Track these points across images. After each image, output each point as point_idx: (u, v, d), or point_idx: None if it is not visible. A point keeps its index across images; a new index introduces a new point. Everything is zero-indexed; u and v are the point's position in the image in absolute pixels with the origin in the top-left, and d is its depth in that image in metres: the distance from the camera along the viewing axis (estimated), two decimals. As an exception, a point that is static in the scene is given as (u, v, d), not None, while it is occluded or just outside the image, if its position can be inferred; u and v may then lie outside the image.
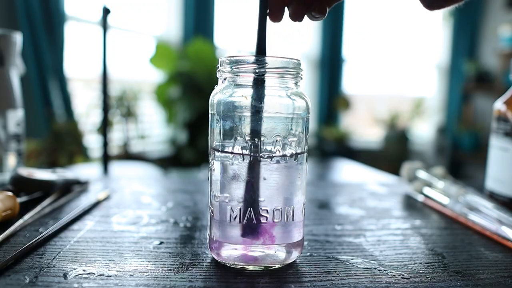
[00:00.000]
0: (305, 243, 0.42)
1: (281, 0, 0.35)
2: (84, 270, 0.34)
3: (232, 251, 0.35)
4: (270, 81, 0.35)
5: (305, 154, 0.36)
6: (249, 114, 0.34)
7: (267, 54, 0.35)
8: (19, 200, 0.49)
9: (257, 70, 0.34)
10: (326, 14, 0.36)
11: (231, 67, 0.35)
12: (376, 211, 0.56)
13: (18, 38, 0.64)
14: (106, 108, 0.88)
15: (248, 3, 2.90)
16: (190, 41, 2.56)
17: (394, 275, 0.35)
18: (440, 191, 0.60)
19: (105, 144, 0.88)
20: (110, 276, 0.33)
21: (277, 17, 0.35)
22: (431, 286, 0.34)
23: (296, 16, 0.35)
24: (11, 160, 0.63)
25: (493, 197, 0.57)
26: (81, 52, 2.23)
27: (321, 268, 0.36)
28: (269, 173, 0.34)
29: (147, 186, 0.67)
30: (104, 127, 0.89)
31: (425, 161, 3.59)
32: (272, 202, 0.35)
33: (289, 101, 0.35)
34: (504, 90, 2.14)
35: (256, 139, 0.34)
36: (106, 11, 0.83)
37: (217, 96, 0.35)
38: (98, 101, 2.01)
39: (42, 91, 1.93)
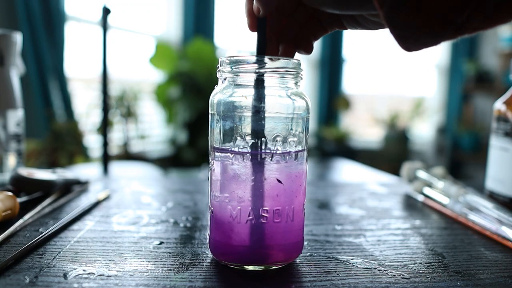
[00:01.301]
0: (305, 243, 0.42)
1: (276, 43, 0.38)
2: (84, 270, 0.34)
3: (232, 251, 0.35)
4: (270, 81, 0.35)
5: (305, 154, 0.36)
6: (249, 114, 0.34)
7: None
8: (19, 200, 0.49)
9: (257, 70, 0.34)
10: (312, 51, 0.40)
11: (231, 67, 0.35)
12: (376, 211, 0.56)
13: (18, 38, 0.64)
14: (106, 108, 0.88)
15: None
16: (190, 41, 2.56)
17: (394, 275, 0.35)
18: (440, 191, 0.60)
19: (105, 144, 0.88)
20: (110, 276, 0.33)
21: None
22: (431, 286, 0.34)
23: (287, 54, 0.38)
24: (11, 160, 0.63)
25: (493, 197, 0.57)
26: (81, 52, 2.23)
27: (321, 268, 0.36)
28: (269, 173, 0.34)
29: (147, 186, 0.67)
30: (104, 127, 0.89)
31: (425, 161, 3.60)
32: (272, 202, 0.35)
33: (289, 101, 0.35)
34: (504, 90, 2.14)
35: (256, 139, 0.34)
36: (106, 11, 0.83)
37: (217, 96, 0.35)
38: (98, 101, 2.01)
39: (42, 91, 1.93)
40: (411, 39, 0.29)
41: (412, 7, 0.27)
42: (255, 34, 0.36)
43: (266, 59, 0.34)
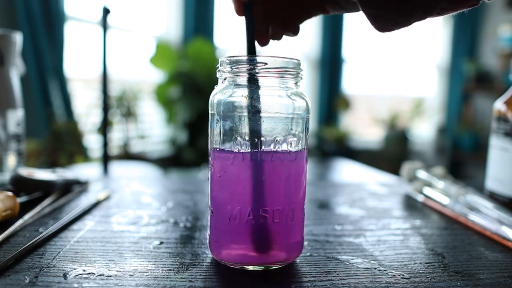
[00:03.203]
0: (305, 243, 0.42)
1: (265, 24, 0.39)
2: (84, 270, 0.34)
3: (232, 251, 0.35)
4: (270, 81, 0.35)
5: (305, 154, 0.36)
6: (249, 114, 0.34)
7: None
8: (19, 200, 0.49)
9: (257, 70, 0.34)
10: (299, 32, 0.41)
11: (231, 67, 0.35)
12: (376, 211, 0.56)
13: (18, 38, 0.64)
14: (106, 108, 0.88)
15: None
16: (190, 41, 2.56)
17: (394, 275, 0.35)
18: (440, 191, 0.60)
19: (105, 144, 0.88)
20: (110, 276, 0.33)
21: (264, 41, 0.40)
22: (431, 286, 0.34)
23: (276, 36, 0.40)
24: (11, 160, 0.63)
25: (493, 197, 0.57)
26: (81, 52, 2.23)
27: (321, 268, 0.36)
28: (269, 173, 0.34)
29: (147, 186, 0.67)
30: (104, 127, 0.89)
31: (425, 161, 3.59)
32: (272, 202, 0.35)
33: (289, 101, 0.35)
34: (504, 90, 2.13)
35: (256, 139, 0.34)
36: (106, 11, 0.83)
37: (217, 96, 0.35)
38: (98, 101, 2.01)
39: (42, 91, 1.93)
40: (383, 18, 0.30)
41: None
42: (242, 18, 0.37)
43: (266, 59, 0.34)
